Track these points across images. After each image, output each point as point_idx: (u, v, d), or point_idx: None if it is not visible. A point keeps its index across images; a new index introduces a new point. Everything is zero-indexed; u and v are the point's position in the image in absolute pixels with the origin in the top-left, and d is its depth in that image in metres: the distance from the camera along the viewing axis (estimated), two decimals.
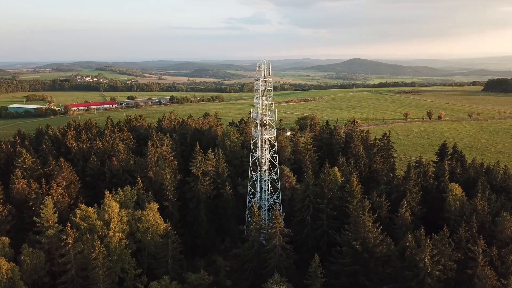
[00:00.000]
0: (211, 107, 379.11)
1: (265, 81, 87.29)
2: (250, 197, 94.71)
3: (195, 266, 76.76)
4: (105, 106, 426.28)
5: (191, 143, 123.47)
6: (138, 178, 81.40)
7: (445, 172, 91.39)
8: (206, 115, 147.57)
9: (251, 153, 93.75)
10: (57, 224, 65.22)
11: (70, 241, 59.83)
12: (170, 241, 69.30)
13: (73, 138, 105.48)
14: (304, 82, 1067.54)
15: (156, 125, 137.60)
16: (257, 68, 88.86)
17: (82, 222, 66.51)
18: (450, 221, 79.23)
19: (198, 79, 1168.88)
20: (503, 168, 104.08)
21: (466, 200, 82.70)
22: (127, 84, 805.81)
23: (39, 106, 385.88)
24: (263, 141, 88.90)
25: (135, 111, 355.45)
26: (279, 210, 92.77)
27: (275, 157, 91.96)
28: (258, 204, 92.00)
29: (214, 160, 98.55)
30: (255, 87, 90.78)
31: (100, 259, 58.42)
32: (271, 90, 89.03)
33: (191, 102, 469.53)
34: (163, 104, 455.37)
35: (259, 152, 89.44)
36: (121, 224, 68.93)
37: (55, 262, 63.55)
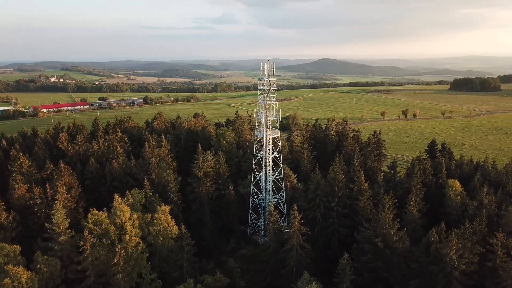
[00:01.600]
0: (187, 107, 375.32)
1: (269, 80, 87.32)
2: (254, 197, 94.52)
3: (201, 268, 75.95)
4: (76, 107, 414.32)
5: (185, 144, 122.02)
6: (146, 180, 79.71)
7: (443, 168, 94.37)
8: (197, 115, 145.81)
9: (254, 153, 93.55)
10: (69, 230, 62.95)
11: (88, 247, 57.86)
12: (184, 243, 68.25)
13: (66, 141, 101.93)
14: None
15: (145, 126, 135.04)
16: (261, 67, 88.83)
17: (95, 227, 64.44)
18: (452, 216, 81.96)
19: (168, 79, 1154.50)
20: (491, 164, 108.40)
21: (465, 195, 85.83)
22: (95, 84, 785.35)
23: (6, 108, 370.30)
24: (268, 141, 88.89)
25: (109, 112, 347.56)
26: (282, 209, 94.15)
27: (279, 157, 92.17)
28: (263, 204, 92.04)
29: (213, 161, 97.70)
30: (258, 87, 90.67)
31: (121, 264, 56.84)
32: (275, 90, 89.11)
33: (165, 102, 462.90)
34: (137, 105, 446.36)
35: (264, 152, 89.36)
36: (133, 228, 67.35)
37: (69, 269, 61.25)
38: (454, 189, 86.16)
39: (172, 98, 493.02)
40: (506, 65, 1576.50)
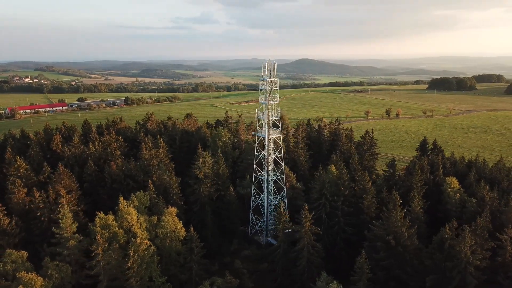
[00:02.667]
0: (170, 108, 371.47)
1: (271, 81, 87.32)
2: (255, 197, 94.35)
3: (206, 270, 75.24)
4: (54, 108, 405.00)
5: (180, 145, 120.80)
6: (150, 183, 78.45)
7: (439, 166, 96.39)
8: (189, 116, 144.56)
9: (255, 153, 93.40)
10: (77, 234, 61.40)
11: (100, 251, 56.56)
12: (194, 245, 67.57)
13: (60, 143, 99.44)
14: (255, 82, 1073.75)
15: (136, 127, 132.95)
16: (263, 68, 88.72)
17: (103, 231, 62.99)
18: (451, 213, 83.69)
19: (147, 80, 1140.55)
20: (482, 161, 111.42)
21: (463, 192, 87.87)
22: (72, 85, 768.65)
23: None
24: (270, 141, 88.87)
25: (90, 114, 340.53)
26: (284, 209, 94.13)
27: (280, 157, 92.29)
28: (265, 205, 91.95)
29: (211, 162, 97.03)
30: (260, 87, 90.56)
31: (135, 268, 55.80)
32: (277, 90, 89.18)
33: (146, 103, 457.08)
34: (118, 105, 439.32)
35: (266, 152, 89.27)
36: (141, 230, 66.18)
37: (79, 274, 59.74)
38: (452, 186, 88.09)
39: (153, 99, 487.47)
40: (478, 65, 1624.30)
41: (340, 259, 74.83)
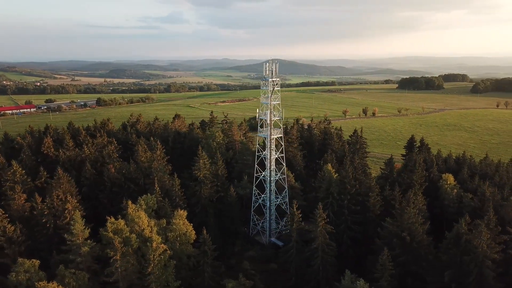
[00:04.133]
0: (145, 108, 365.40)
1: (273, 81, 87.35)
2: (257, 198, 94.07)
3: (216, 272, 74.48)
4: (22, 110, 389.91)
5: (172, 146, 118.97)
6: (156, 185, 76.81)
7: (434, 163, 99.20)
8: (177, 117, 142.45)
9: (256, 153, 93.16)
10: (90, 241, 59.34)
11: (118, 257, 54.86)
12: (207, 248, 66.66)
13: (52, 146, 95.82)
14: (227, 82, 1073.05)
15: (128, 129, 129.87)
16: (264, 68, 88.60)
17: (115, 236, 61.10)
18: (449, 209, 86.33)
19: (115, 80, 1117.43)
20: (469, 158, 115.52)
21: (459, 188, 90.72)
22: (37, 86, 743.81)
23: None
24: (272, 141, 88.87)
25: (61, 116, 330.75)
26: (285, 209, 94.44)
27: (281, 156, 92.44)
28: (268, 205, 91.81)
29: (208, 163, 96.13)
30: (261, 87, 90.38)
31: (156, 273, 54.48)
32: (278, 90, 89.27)
33: (119, 104, 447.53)
34: (90, 107, 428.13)
35: (268, 151, 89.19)
36: (153, 234, 64.72)
37: (92, 281, 57.70)
38: (448, 182, 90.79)
39: (126, 100, 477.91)
40: (443, 65, 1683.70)
41: (347, 257, 75.65)
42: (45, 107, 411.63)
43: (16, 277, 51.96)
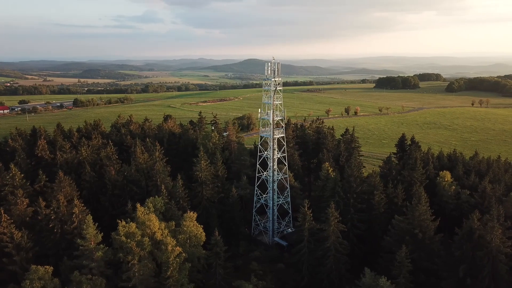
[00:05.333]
0: (125, 109, 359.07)
1: (275, 80, 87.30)
2: (259, 198, 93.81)
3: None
4: None
5: (167, 147, 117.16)
6: (163, 187, 75.51)
7: (430, 161, 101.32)
8: (169, 117, 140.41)
9: (258, 153, 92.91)
10: (103, 245, 57.73)
11: (136, 261, 53.61)
12: (219, 249, 66.00)
13: (46, 149, 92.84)
14: (204, 82, 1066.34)
15: (122, 130, 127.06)
16: (266, 67, 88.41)
17: (128, 240, 59.70)
18: (447, 205, 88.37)
19: (90, 80, 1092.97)
20: (460, 155, 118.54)
21: (456, 184, 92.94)
22: (8, 86, 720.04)
23: None
24: (274, 141, 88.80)
25: (38, 117, 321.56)
26: (287, 209, 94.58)
27: (283, 156, 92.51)
28: (271, 205, 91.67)
29: (206, 164, 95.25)
30: (263, 87, 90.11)
31: (176, 277, 53.52)
32: (281, 90, 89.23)
33: (97, 104, 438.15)
34: (66, 108, 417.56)
35: (271, 151, 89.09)
36: (164, 237, 63.59)
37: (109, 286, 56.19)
38: (446, 179, 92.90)
39: (104, 100, 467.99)
40: (415, 64, 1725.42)
41: (353, 255, 76.33)
42: (19, 108, 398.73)
43: (31, 285, 50.05)
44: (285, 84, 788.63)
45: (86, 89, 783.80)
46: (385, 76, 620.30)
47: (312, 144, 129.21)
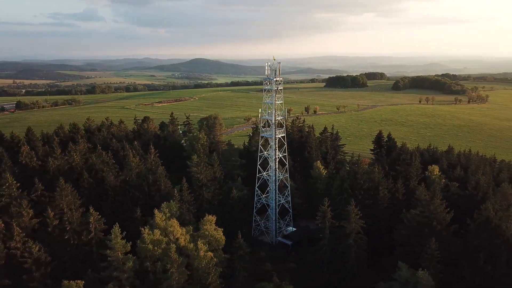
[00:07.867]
0: (76, 112, 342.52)
1: (276, 80, 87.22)
2: (259, 198, 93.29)
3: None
4: None
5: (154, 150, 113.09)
6: (175, 191, 72.80)
7: (416, 156, 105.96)
8: (147, 119, 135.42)
9: (259, 153, 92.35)
10: (130, 255, 54.72)
11: (175, 270, 51.32)
12: (243, 252, 64.96)
13: (28, 155, 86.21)
14: (151, 82, 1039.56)
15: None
16: (266, 67, 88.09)
17: (155, 248, 57.08)
18: None
19: (26, 81, 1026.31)
20: (437, 150, 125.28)
21: (444, 178, 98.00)
22: None
23: None
24: (276, 141, 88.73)
25: None
26: (289, 207, 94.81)
27: (284, 156, 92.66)
28: (273, 205, 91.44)
29: (205, 166, 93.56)
30: (264, 87, 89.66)
31: (217, 282, 51.93)
32: (282, 90, 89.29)
33: (43, 107, 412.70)
34: (8, 111, 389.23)
35: (273, 151, 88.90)
36: (188, 243, 61.53)
37: None
38: (435, 173, 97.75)
39: (50, 102, 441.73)
40: (357, 64, 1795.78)
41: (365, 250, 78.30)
42: None
43: None
44: (236, 84, 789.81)
45: (24, 90, 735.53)
46: (334, 76, 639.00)
47: (296, 143, 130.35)
